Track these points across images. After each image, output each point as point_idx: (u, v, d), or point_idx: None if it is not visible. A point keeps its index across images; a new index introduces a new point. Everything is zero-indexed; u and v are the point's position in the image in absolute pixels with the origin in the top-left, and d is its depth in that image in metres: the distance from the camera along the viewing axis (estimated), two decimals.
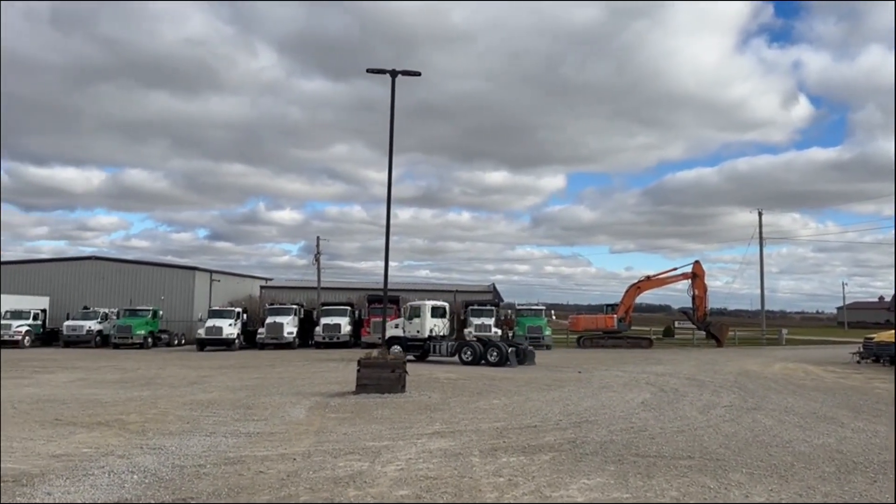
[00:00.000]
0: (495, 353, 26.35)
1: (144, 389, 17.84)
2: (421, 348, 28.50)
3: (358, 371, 16.66)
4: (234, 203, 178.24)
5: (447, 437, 10.76)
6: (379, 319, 35.13)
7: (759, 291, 55.43)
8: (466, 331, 40.30)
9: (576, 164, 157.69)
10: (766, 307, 62.76)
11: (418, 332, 29.36)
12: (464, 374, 23.00)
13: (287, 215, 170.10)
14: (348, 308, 40.49)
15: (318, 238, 47.66)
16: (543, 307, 44.37)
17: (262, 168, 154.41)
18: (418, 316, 29.75)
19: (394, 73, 17.67)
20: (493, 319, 40.76)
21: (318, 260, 46.39)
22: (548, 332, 41.05)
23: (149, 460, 8.84)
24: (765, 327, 56.95)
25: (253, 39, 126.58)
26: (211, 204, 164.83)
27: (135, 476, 7.93)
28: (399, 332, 29.58)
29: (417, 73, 17.81)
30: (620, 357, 33.41)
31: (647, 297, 50.73)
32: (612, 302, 46.18)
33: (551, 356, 34.22)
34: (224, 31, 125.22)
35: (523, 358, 26.78)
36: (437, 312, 30.24)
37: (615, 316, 43.99)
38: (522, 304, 45.16)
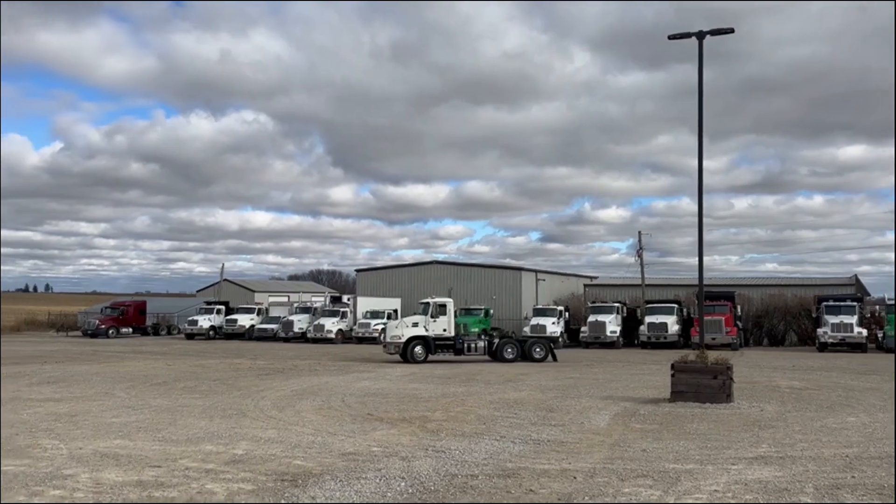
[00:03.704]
0: (539, 349, 26.88)
1: (462, 385, 18.27)
2: (451, 348, 27.13)
3: (672, 376, 14.81)
4: (561, 205, 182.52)
5: (774, 465, 8.60)
6: (709, 318, 31.99)
7: None
8: (821, 330, 34.69)
9: None
10: None
11: (444, 330, 27.43)
12: (812, 381, 19.38)
13: (613, 213, 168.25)
14: (675, 306, 37.74)
15: (639, 233, 45.65)
16: None
17: (584, 168, 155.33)
18: (444, 314, 27.57)
19: (701, 35, 15.44)
20: (856, 317, 34.40)
21: (640, 256, 44.30)
22: None
23: (426, 465, 8.50)
24: None
25: (567, 44, 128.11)
26: (540, 207, 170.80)
27: (403, 483, 7.58)
28: (420, 331, 27.02)
29: (730, 31, 15.32)
30: None
31: None
32: None
33: None
34: (539, 39, 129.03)
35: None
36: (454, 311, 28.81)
37: None
38: None
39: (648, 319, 36.59)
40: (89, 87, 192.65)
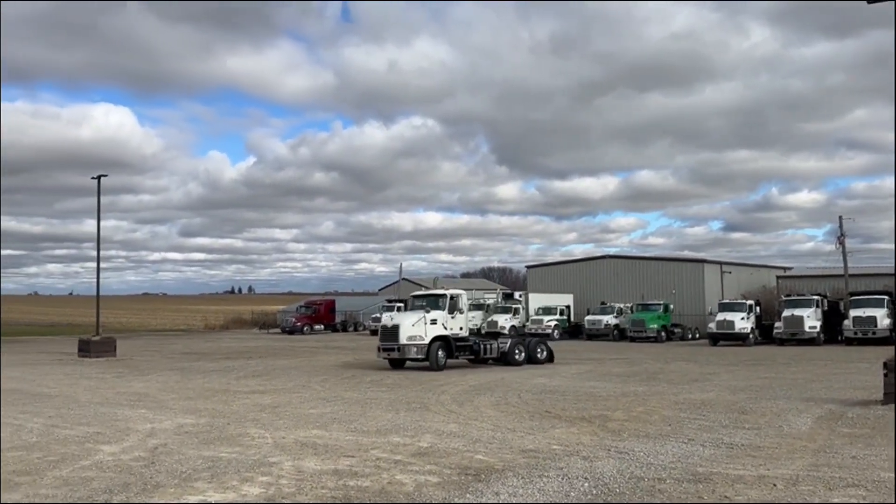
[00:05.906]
0: (541, 350, 24.41)
1: (642, 385, 17.65)
2: (469, 349, 23.02)
3: (885, 375, 13.28)
4: (744, 191, 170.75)
5: None
6: None
7: None
8: None
9: None
10: None
11: (461, 329, 23.12)
12: None
13: (805, 197, 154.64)
14: (885, 297, 33.78)
15: (840, 218, 41.31)
16: None
17: (768, 150, 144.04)
18: (460, 310, 23.18)
19: None
20: None
21: (842, 243, 40.03)
22: None
23: (609, 466, 8.28)
24: None
25: (742, 19, 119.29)
26: (720, 195, 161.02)
27: (586, 483, 7.44)
28: (441, 330, 22.28)
29: None
30: None
31: None
32: None
33: None
34: (710, 17, 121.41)
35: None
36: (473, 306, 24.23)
37: None
38: None
39: (854, 313, 33.08)
40: (275, 104, 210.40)
